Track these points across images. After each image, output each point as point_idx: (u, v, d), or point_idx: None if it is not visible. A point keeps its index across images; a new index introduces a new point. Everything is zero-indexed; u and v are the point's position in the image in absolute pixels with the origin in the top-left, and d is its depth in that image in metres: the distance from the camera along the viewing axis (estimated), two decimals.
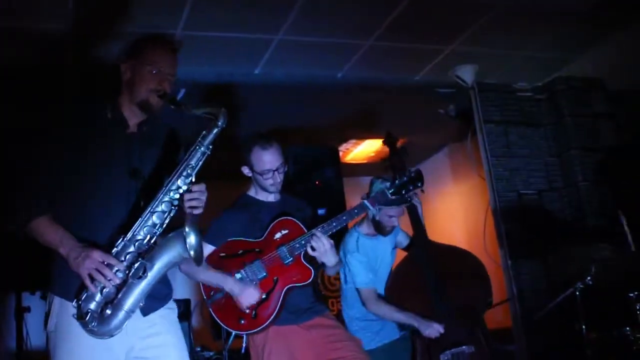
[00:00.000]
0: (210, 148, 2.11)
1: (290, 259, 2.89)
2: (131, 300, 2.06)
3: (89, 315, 2.03)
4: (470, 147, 5.26)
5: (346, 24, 3.99)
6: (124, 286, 2.06)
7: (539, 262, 4.76)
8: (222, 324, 2.94)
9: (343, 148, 6.31)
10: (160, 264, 2.08)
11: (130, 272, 2.05)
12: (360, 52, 4.38)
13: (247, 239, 2.96)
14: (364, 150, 6.51)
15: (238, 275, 2.88)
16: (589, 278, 3.52)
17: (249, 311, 2.85)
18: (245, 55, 4.27)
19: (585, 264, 3.58)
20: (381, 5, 3.83)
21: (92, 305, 2.04)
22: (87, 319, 2.03)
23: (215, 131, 2.10)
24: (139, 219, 2.08)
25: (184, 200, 2.08)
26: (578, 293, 3.55)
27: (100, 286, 2.03)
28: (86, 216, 2.14)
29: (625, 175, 4.83)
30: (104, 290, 2.04)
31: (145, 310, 2.15)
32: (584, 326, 3.53)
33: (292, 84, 4.66)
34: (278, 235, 2.94)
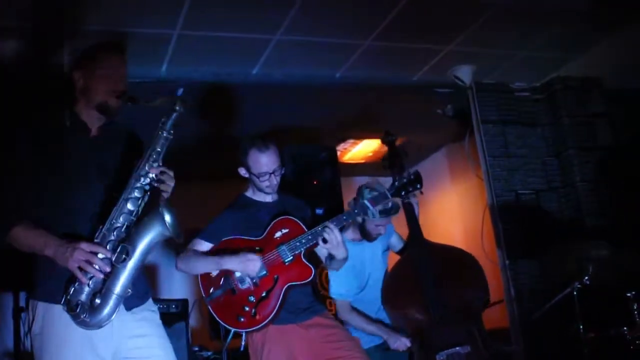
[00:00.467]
0: (172, 133, 2.18)
1: (290, 258, 2.89)
2: (120, 284, 2.09)
3: (79, 306, 2.06)
4: (468, 147, 5.25)
5: (344, 24, 3.99)
6: (110, 273, 2.09)
7: (537, 262, 4.76)
8: (221, 322, 2.95)
9: (341, 148, 6.30)
10: (142, 245, 2.12)
11: (113, 258, 2.09)
12: (358, 52, 4.38)
13: (247, 238, 2.96)
14: (362, 150, 6.50)
15: (238, 273, 2.88)
16: (587, 278, 3.53)
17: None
18: (244, 55, 4.26)
19: (583, 264, 3.58)
20: (379, 5, 3.83)
21: (82, 297, 2.07)
22: (78, 310, 2.05)
23: (173, 116, 2.17)
24: (114, 208, 2.13)
25: (156, 182, 2.15)
26: (576, 293, 3.56)
27: (89, 276, 2.05)
28: (61, 219, 2.17)
29: (624, 175, 4.83)
30: (92, 280, 2.07)
31: (127, 304, 2.18)
32: (581, 326, 3.54)
33: (290, 83, 4.65)
34: (278, 234, 2.95)
